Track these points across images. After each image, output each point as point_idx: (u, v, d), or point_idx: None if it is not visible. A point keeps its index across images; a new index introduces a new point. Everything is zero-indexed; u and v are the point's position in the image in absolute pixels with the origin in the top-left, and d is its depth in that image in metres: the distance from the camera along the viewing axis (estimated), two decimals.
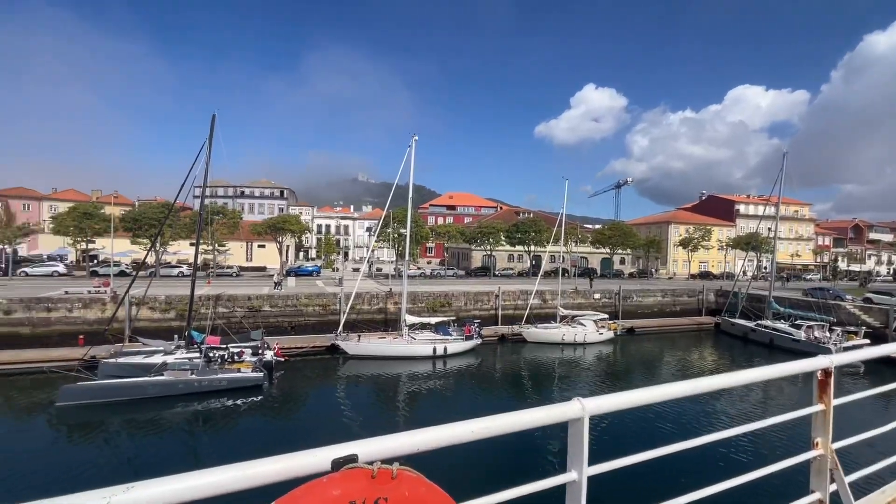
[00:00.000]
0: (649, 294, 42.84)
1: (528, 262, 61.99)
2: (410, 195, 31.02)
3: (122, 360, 20.36)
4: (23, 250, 51.57)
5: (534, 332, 32.05)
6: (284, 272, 49.61)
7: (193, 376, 19.91)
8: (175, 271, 45.75)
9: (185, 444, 16.70)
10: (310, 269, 55.26)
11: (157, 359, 20.63)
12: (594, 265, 69.86)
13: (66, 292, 28.67)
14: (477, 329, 29.40)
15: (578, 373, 27.28)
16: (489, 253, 62.53)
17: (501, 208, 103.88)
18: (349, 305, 28.62)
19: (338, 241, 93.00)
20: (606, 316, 35.17)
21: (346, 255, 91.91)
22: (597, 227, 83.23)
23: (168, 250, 29.04)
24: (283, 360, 24.05)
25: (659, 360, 31.55)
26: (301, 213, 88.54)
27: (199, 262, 24.00)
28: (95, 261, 49.74)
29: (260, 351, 23.14)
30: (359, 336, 27.80)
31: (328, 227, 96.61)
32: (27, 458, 14.48)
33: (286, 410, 20.06)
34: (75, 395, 18.18)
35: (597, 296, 40.86)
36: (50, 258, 50.82)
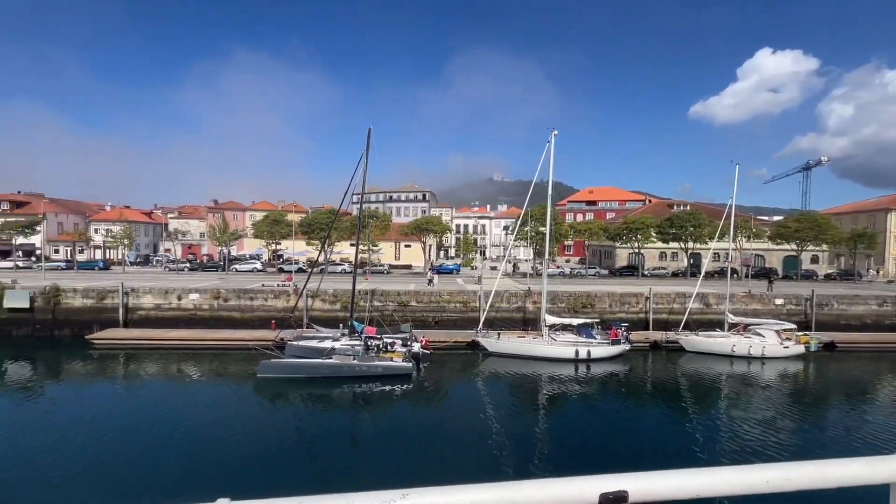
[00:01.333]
0: (858, 301, 34.05)
1: (685, 260, 54.86)
2: (550, 192, 30.14)
3: (301, 342, 24.12)
4: (234, 251, 65.23)
5: (695, 341, 28.16)
6: (431, 270, 53.04)
7: (355, 361, 22.55)
8: (339, 268, 52.74)
9: (352, 420, 18.99)
10: (450, 267, 57.98)
11: (327, 344, 23.91)
12: (774, 264, 58.51)
13: (263, 285, 35.20)
14: (625, 333, 27.07)
15: (758, 394, 22.51)
16: (637, 251, 57.24)
17: (650, 201, 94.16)
18: (489, 303, 29.11)
19: (475, 241, 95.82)
20: (794, 326, 28.97)
21: (482, 253, 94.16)
22: (775, 218, 69.46)
23: (334, 250, 33.83)
24: (429, 352, 25.63)
25: (876, 385, 24.70)
26: (441, 213, 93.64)
27: (357, 260, 27.16)
28: (282, 259, 60.26)
29: (409, 342, 25.07)
30: (498, 334, 28.05)
31: (466, 226, 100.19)
32: (238, 415, 18.17)
33: (434, 399, 21.33)
34: (270, 370, 22.19)
35: (779, 301, 34.06)
36: (251, 257, 63.28)
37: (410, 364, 22.86)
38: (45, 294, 31.06)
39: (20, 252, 57.28)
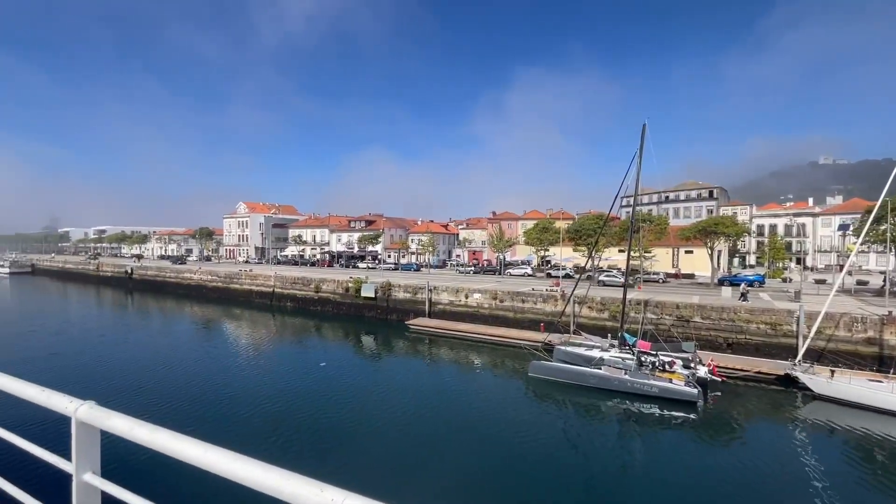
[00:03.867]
0: None
1: None
2: None
3: (569, 348, 24.08)
4: (508, 257, 72.05)
5: None
6: (716, 280, 44.36)
7: (626, 376, 20.84)
8: (607, 276, 50.59)
9: (621, 440, 17.55)
10: (749, 278, 46.75)
11: (595, 353, 23.03)
12: None
13: (532, 289, 37.25)
14: None
15: None
16: None
17: None
18: (814, 328, 21.77)
19: (788, 245, 74.35)
20: None
21: (800, 261, 72.14)
22: None
23: (602, 256, 32.55)
24: (719, 380, 21.26)
25: None
26: (735, 212, 77.06)
27: (629, 267, 25.14)
28: (549, 265, 62.59)
29: (692, 364, 21.43)
30: (832, 371, 20.56)
31: (773, 226, 79.08)
32: (510, 405, 19.58)
33: (726, 440, 17.39)
34: (540, 371, 23.09)
35: None
36: (522, 262, 68.36)
37: (696, 390, 19.40)
38: (382, 287, 42.09)
39: (369, 256, 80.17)
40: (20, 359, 26.45)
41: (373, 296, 41.97)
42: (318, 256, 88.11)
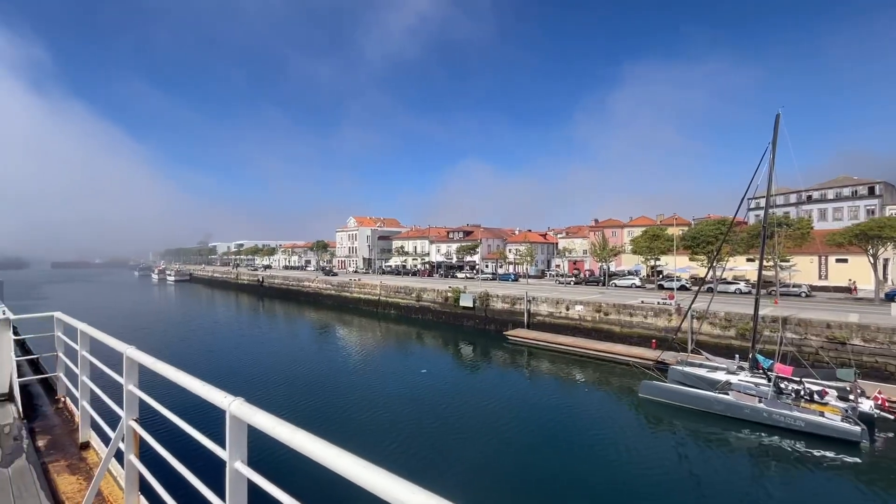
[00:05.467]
0: None
1: None
2: None
3: (687, 369, 21.65)
4: (612, 266, 67.63)
5: None
6: (882, 295, 36.64)
7: (761, 405, 18.06)
8: (732, 287, 44.73)
9: (752, 480, 15.18)
10: None
11: (720, 376, 20.38)
12: None
13: (642, 302, 34.39)
14: None
15: None
16: None
17: None
18: None
19: None
20: None
21: None
22: None
23: (725, 266, 28.66)
24: (891, 416, 17.39)
25: None
26: None
27: (761, 278, 21.86)
28: (661, 275, 57.33)
29: (851, 396, 17.82)
30: None
31: None
32: (619, 428, 18.13)
33: None
34: (652, 392, 21.12)
35: None
36: (629, 273, 63.67)
37: (858, 428, 16.08)
38: (480, 298, 42.31)
39: (467, 266, 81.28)
40: (184, 353, 31.78)
41: (471, 305, 42.38)
42: (419, 267, 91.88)
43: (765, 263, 23.89)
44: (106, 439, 4.47)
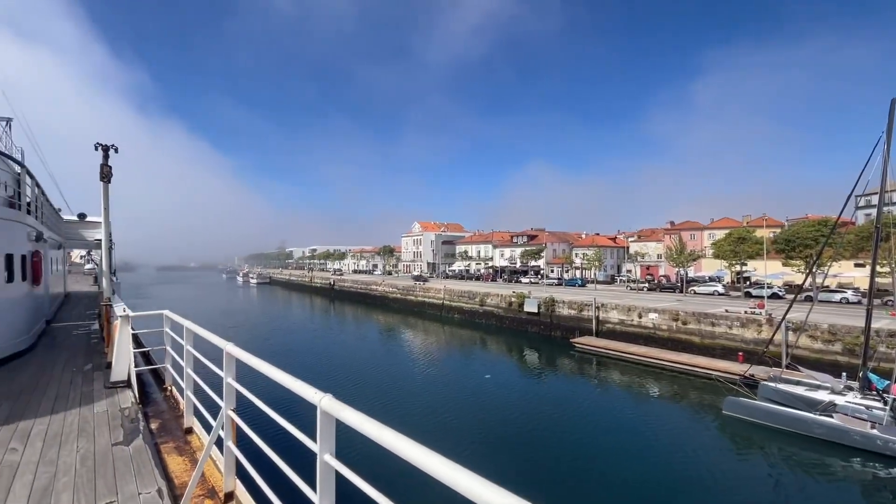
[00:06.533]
0: None
1: None
2: None
3: (781, 386, 19.53)
4: (691, 272, 62.89)
5: None
6: None
7: (874, 431, 15.81)
8: (837, 297, 39.75)
9: None
10: None
11: (822, 395, 18.14)
12: None
13: (726, 311, 31.61)
14: None
15: None
16: None
17: None
18: None
19: None
20: None
21: None
22: None
23: (827, 272, 25.31)
24: None
25: None
26: None
27: (873, 286, 19.13)
28: (748, 282, 52.34)
29: None
30: None
31: None
32: (700, 447, 16.74)
33: None
34: (738, 409, 19.30)
35: None
36: (710, 279, 58.84)
37: None
38: (545, 303, 41.32)
39: (531, 271, 79.75)
40: (267, 349, 34.37)
41: (536, 311, 41.51)
42: (482, 271, 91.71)
43: (878, 269, 20.91)
44: (206, 425, 4.97)
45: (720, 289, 50.18)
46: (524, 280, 75.23)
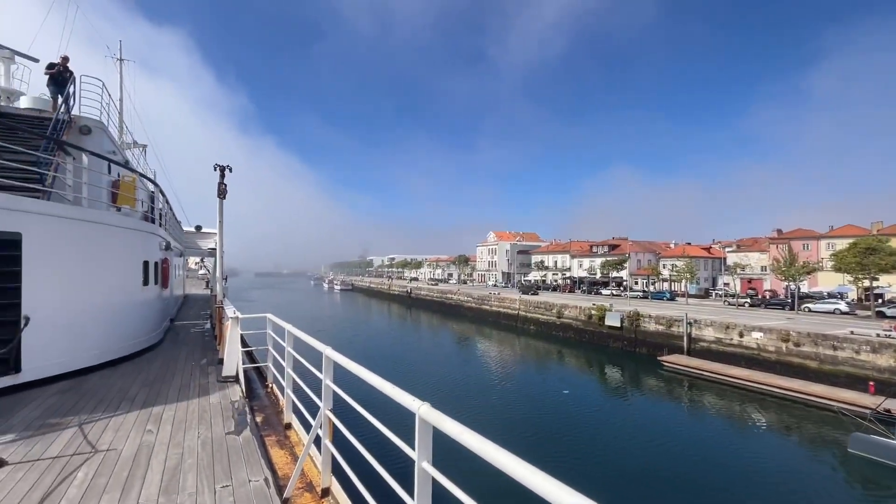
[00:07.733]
0: None
1: None
2: None
3: None
4: (804, 287, 55.37)
5: None
6: None
7: None
8: None
9: None
10: None
11: None
12: None
13: (852, 332, 27.36)
14: None
15: None
16: None
17: None
18: None
19: None
20: None
21: None
22: None
23: None
24: None
25: None
26: None
27: None
28: (881, 300, 44.83)
29: None
30: None
31: None
32: (815, 488, 14.53)
33: None
34: (867, 447, 16.56)
35: None
36: (830, 295, 51.31)
37: None
38: (629, 317, 38.87)
39: (613, 283, 75.55)
40: (354, 351, 36.35)
41: (618, 325, 39.22)
42: (559, 282, 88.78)
43: None
44: (303, 422, 5.38)
45: (843, 307, 43.58)
46: (605, 292, 71.51)
